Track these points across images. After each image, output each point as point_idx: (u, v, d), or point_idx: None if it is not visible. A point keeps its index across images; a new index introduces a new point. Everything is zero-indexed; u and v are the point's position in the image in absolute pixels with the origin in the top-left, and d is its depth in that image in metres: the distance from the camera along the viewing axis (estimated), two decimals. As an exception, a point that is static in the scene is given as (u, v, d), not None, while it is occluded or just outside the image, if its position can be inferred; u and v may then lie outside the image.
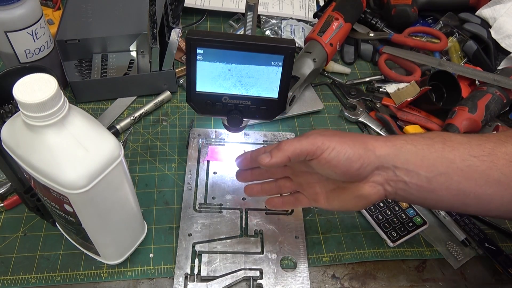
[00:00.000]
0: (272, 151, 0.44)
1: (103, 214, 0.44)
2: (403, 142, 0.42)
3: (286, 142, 0.44)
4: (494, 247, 0.55)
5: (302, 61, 0.71)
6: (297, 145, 0.43)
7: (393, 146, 0.42)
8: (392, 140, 0.43)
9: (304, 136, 0.44)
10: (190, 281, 0.50)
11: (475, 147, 0.41)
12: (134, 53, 0.76)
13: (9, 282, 0.50)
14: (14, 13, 0.58)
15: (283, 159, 0.44)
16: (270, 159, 0.44)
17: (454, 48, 0.80)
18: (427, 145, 0.42)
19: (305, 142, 0.43)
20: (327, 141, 0.42)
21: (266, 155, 0.44)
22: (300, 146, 0.43)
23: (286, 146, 0.43)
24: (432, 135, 0.43)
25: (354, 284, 0.53)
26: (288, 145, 0.43)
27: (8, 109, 0.57)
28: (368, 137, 0.44)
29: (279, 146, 0.44)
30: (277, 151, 0.44)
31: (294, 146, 0.43)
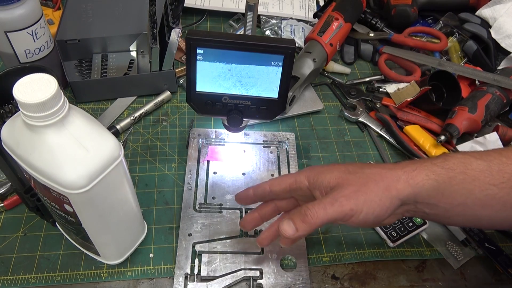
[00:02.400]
0: (295, 221, 0.41)
1: (103, 214, 0.44)
2: (425, 178, 0.41)
3: (311, 209, 0.40)
4: (494, 247, 0.55)
5: (302, 61, 0.71)
6: (323, 215, 0.40)
7: (416, 185, 0.41)
8: (414, 178, 0.41)
9: (329, 199, 0.41)
10: (190, 281, 0.50)
11: (495, 174, 0.40)
12: (134, 53, 0.76)
13: (9, 282, 0.50)
14: (14, 13, 0.58)
15: (309, 231, 0.41)
16: (295, 232, 0.41)
17: (454, 48, 0.80)
18: (449, 178, 0.41)
19: (332, 210, 0.40)
20: (354, 205, 0.40)
21: (289, 226, 0.41)
22: (327, 216, 0.40)
23: (311, 216, 0.40)
24: (454, 164, 0.41)
25: (354, 284, 0.53)
26: (314, 215, 0.40)
27: (8, 109, 0.57)
28: (390, 178, 0.41)
29: (304, 216, 0.41)
30: (302, 223, 0.41)
31: (321, 217, 0.40)
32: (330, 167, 0.45)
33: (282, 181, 0.47)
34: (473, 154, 0.42)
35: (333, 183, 0.43)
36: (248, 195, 0.49)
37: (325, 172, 0.44)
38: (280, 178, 0.48)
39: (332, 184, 0.43)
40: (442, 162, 0.42)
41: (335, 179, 0.43)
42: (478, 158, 0.41)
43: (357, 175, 0.42)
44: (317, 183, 0.44)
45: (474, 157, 0.42)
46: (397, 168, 0.42)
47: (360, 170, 0.43)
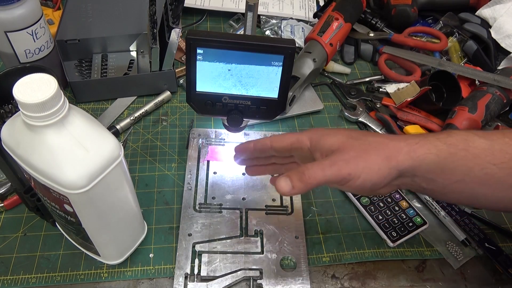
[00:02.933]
0: (292, 179, 0.41)
1: (103, 214, 0.44)
2: (427, 152, 0.41)
3: (309, 169, 0.41)
4: (494, 247, 0.55)
5: (302, 61, 0.71)
6: (321, 176, 0.40)
7: (416, 158, 0.41)
8: (416, 150, 0.41)
9: (328, 161, 0.41)
10: (190, 281, 0.50)
11: (496, 154, 0.40)
12: (134, 53, 0.76)
13: (9, 282, 0.50)
14: (14, 13, 0.58)
15: (304, 190, 0.41)
16: (291, 189, 0.41)
17: (454, 48, 0.80)
18: (450, 154, 0.41)
19: (330, 173, 0.40)
20: (353, 170, 0.40)
21: (286, 183, 0.41)
22: (325, 178, 0.40)
23: (309, 176, 0.40)
24: (457, 140, 0.41)
25: (354, 284, 0.53)
26: (312, 175, 0.40)
27: (8, 109, 0.57)
28: (392, 148, 0.41)
29: (301, 174, 0.41)
30: (299, 182, 0.40)
31: (318, 178, 0.40)
32: (334, 131, 0.44)
33: (284, 139, 0.47)
34: (477, 133, 0.42)
35: (335, 146, 0.42)
36: (248, 147, 0.49)
37: (329, 135, 0.44)
38: (283, 135, 0.48)
39: (334, 148, 0.42)
40: (445, 137, 0.42)
41: (338, 143, 0.42)
42: (481, 137, 0.41)
43: (360, 141, 0.42)
44: (319, 145, 0.44)
45: (477, 135, 0.42)
46: (400, 140, 0.42)
47: (363, 137, 0.43)
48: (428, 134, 0.43)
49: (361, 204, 0.59)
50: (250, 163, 0.53)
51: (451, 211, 0.59)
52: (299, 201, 0.59)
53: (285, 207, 0.59)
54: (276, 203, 0.59)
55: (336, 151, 0.42)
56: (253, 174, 0.54)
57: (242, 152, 0.51)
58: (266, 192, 0.60)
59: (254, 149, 0.49)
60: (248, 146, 0.50)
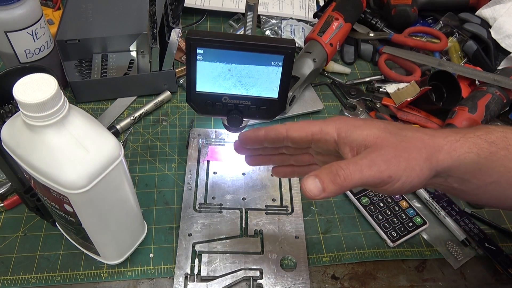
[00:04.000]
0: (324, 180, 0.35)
1: (103, 214, 0.44)
2: (468, 151, 0.37)
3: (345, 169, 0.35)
4: (494, 247, 0.55)
5: (302, 61, 0.71)
6: (358, 178, 0.35)
7: (457, 158, 0.37)
8: (457, 149, 0.37)
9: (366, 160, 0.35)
10: (190, 281, 0.50)
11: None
12: (134, 53, 0.76)
13: (9, 282, 0.50)
14: (14, 13, 0.58)
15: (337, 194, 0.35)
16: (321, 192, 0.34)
17: (454, 48, 0.80)
18: (491, 153, 0.38)
19: (369, 174, 0.35)
20: (394, 172, 0.35)
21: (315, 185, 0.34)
22: (362, 180, 0.35)
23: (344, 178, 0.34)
24: (497, 138, 0.38)
25: (354, 284, 0.53)
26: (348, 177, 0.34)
27: (8, 109, 0.57)
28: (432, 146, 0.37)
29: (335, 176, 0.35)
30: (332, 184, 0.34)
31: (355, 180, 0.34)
32: (367, 122, 0.38)
33: (304, 127, 0.40)
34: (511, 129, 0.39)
35: (370, 141, 0.37)
36: (258, 135, 0.42)
37: (362, 127, 0.38)
38: (302, 123, 0.40)
39: (368, 143, 0.37)
40: (485, 134, 0.38)
41: (373, 137, 0.37)
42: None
43: (398, 137, 0.37)
44: (350, 138, 0.38)
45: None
46: (439, 136, 0.38)
47: (400, 132, 0.38)
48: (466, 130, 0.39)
49: (361, 204, 0.59)
50: (254, 152, 0.46)
51: (451, 211, 0.59)
52: (299, 201, 0.59)
53: (285, 207, 0.59)
54: (276, 203, 0.59)
55: (371, 148, 0.36)
56: (254, 164, 0.47)
57: (249, 141, 0.44)
58: (266, 192, 0.60)
59: (265, 138, 0.42)
60: (258, 134, 0.42)
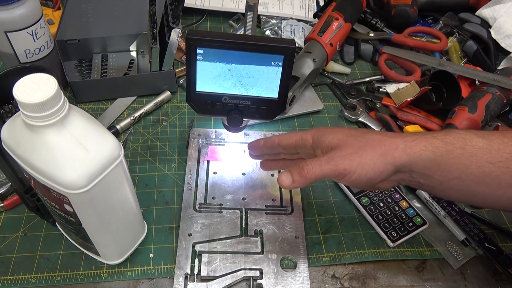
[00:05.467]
0: (293, 174, 0.45)
1: (103, 214, 0.44)
2: (423, 149, 0.42)
3: (308, 165, 0.44)
4: (494, 247, 0.55)
5: (302, 61, 0.71)
6: (318, 171, 0.44)
7: (412, 155, 0.42)
8: (412, 147, 0.43)
9: (326, 157, 0.44)
10: (190, 281, 0.50)
11: (494, 153, 0.41)
12: (134, 53, 0.76)
13: (9, 282, 0.50)
14: (14, 13, 0.58)
15: (304, 184, 0.45)
16: (291, 183, 0.45)
17: (454, 48, 0.80)
18: (447, 151, 0.42)
19: (327, 168, 0.43)
20: (348, 166, 0.43)
21: (287, 177, 0.45)
22: (322, 173, 0.44)
23: (307, 171, 0.44)
24: (454, 138, 0.42)
25: (354, 284, 0.53)
26: (310, 170, 0.44)
27: (8, 109, 0.57)
28: (388, 145, 0.43)
29: (301, 170, 0.44)
30: (299, 176, 0.44)
31: (316, 173, 0.44)
32: (335, 129, 0.47)
33: (290, 137, 0.50)
34: (475, 132, 0.43)
35: (334, 143, 0.45)
36: (259, 144, 0.54)
37: (329, 133, 0.46)
38: (289, 133, 0.52)
39: (333, 145, 0.45)
40: (443, 135, 0.43)
41: (337, 140, 0.45)
42: (479, 136, 0.42)
43: (358, 139, 0.45)
44: (320, 142, 0.46)
45: (475, 134, 0.42)
46: (398, 137, 0.44)
47: (361, 135, 0.45)
48: (427, 132, 0.46)
49: (361, 204, 0.59)
50: (262, 158, 0.57)
51: (451, 211, 0.59)
52: (299, 201, 0.59)
53: (285, 207, 0.59)
54: (276, 203, 0.59)
55: (334, 148, 0.45)
56: (266, 168, 0.58)
57: (253, 149, 0.55)
58: (266, 192, 0.60)
59: (263, 146, 0.53)
60: (258, 143, 0.54)
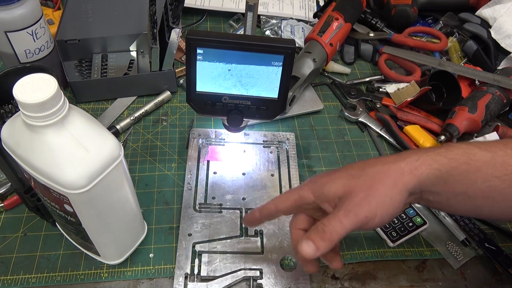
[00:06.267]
0: (315, 240, 0.39)
1: (103, 214, 0.44)
2: (429, 167, 0.41)
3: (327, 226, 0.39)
4: (494, 247, 0.55)
5: (302, 61, 0.71)
6: (341, 229, 0.39)
7: (420, 175, 0.40)
8: (418, 168, 0.41)
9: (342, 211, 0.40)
10: (190, 281, 0.50)
11: (499, 166, 0.40)
12: (134, 53, 0.76)
13: (9, 282, 0.50)
14: (14, 13, 0.58)
15: (329, 248, 0.39)
16: (316, 251, 0.39)
17: (454, 48, 0.80)
18: (451, 168, 0.41)
19: (348, 223, 0.39)
20: (368, 211, 0.39)
21: (309, 247, 0.39)
22: (345, 229, 0.39)
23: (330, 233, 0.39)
24: (457, 154, 0.41)
25: (354, 284, 0.53)
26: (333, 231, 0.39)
27: (8, 109, 0.57)
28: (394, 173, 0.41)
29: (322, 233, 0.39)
30: (322, 241, 0.39)
31: (340, 231, 0.39)
32: (332, 176, 0.43)
33: (287, 199, 0.46)
34: (478, 145, 0.42)
35: (340, 192, 0.41)
36: (255, 217, 0.48)
37: (329, 182, 0.43)
38: (285, 195, 0.47)
39: (339, 194, 0.41)
40: (445, 151, 0.41)
41: (341, 188, 0.42)
42: (482, 149, 0.41)
43: (361, 178, 0.41)
44: (323, 196, 0.43)
45: (478, 147, 0.41)
46: (400, 160, 0.41)
47: (362, 172, 0.42)
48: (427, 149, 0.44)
49: (361, 204, 0.59)
50: None
51: (451, 211, 0.59)
52: (299, 201, 0.59)
53: (285, 207, 0.58)
54: (276, 203, 0.59)
55: (343, 197, 0.41)
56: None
57: (250, 223, 0.50)
58: (266, 192, 0.60)
59: (261, 217, 0.48)
60: (254, 216, 0.48)
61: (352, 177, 0.42)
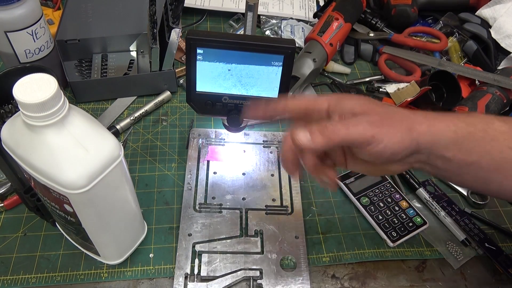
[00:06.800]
0: (313, 132, 0.38)
1: (103, 214, 0.44)
2: (445, 127, 0.39)
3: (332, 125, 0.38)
4: (494, 247, 0.55)
5: (302, 61, 0.71)
6: (344, 134, 0.38)
7: (435, 133, 0.39)
8: (435, 125, 0.39)
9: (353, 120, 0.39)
10: (190, 281, 0.50)
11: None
12: (134, 53, 0.76)
13: (9, 282, 0.50)
14: (14, 13, 0.58)
15: (324, 147, 0.38)
16: (309, 143, 0.38)
17: (454, 48, 0.80)
18: (468, 133, 0.39)
19: (354, 131, 0.38)
20: (377, 133, 0.38)
21: (305, 135, 0.38)
22: (348, 136, 0.38)
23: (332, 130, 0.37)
24: (476, 119, 0.40)
25: (354, 284, 0.53)
26: (335, 131, 0.37)
27: (8, 109, 0.57)
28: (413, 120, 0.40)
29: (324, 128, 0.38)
30: (320, 135, 0.37)
31: (342, 135, 0.37)
32: (355, 96, 0.42)
33: (300, 99, 0.44)
34: (497, 117, 0.41)
35: (358, 109, 0.40)
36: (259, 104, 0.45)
37: (350, 98, 0.41)
38: (298, 97, 0.45)
39: (356, 111, 0.40)
40: (465, 117, 0.41)
41: (360, 106, 0.40)
42: (501, 121, 0.41)
43: (383, 108, 0.41)
44: (339, 107, 0.41)
45: (497, 119, 0.41)
46: (420, 114, 0.41)
47: (385, 106, 0.41)
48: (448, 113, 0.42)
49: (361, 204, 0.59)
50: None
51: (451, 211, 0.59)
52: (299, 201, 0.59)
53: (285, 207, 0.59)
54: (276, 203, 0.59)
55: (358, 114, 0.40)
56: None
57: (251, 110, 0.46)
58: (266, 192, 0.60)
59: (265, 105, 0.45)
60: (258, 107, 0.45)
61: (374, 103, 0.41)
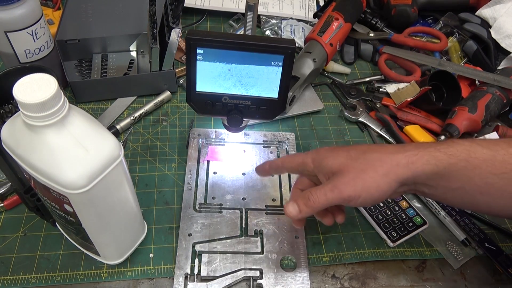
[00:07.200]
0: (299, 204, 0.45)
1: (103, 214, 0.44)
2: (426, 163, 0.42)
3: (313, 195, 0.44)
4: (494, 247, 0.55)
5: (302, 61, 0.71)
6: (324, 200, 0.44)
7: (415, 170, 0.42)
8: (414, 162, 0.42)
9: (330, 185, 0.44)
10: (190, 281, 0.50)
11: (497, 164, 0.40)
12: (134, 53, 0.76)
13: (9, 282, 0.50)
14: (14, 13, 0.58)
15: (311, 213, 0.46)
16: (298, 213, 0.46)
17: (454, 48, 0.80)
18: (450, 164, 0.41)
19: (332, 196, 0.43)
20: (352, 192, 0.43)
21: (294, 208, 0.46)
22: (327, 201, 0.44)
23: (313, 201, 0.44)
24: (458, 150, 0.41)
25: (354, 284, 0.53)
26: (316, 200, 0.44)
27: (8, 109, 0.57)
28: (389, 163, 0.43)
29: (307, 200, 0.45)
30: (305, 206, 0.45)
31: (322, 202, 0.44)
32: (335, 152, 0.46)
33: (293, 160, 0.51)
34: (480, 142, 0.42)
35: (335, 169, 0.45)
36: (265, 167, 0.55)
37: (329, 157, 0.46)
38: (292, 156, 0.52)
39: (334, 170, 0.45)
40: (446, 148, 0.42)
41: (337, 165, 0.45)
42: (484, 147, 0.41)
43: (358, 161, 0.44)
44: (321, 167, 0.46)
45: (480, 145, 0.42)
46: (399, 152, 0.43)
47: (361, 156, 0.44)
48: (430, 144, 0.44)
49: (361, 204, 0.59)
50: None
51: (451, 211, 0.59)
52: (299, 201, 0.59)
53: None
54: (276, 203, 0.59)
55: (336, 173, 0.44)
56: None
57: (260, 172, 0.56)
58: (266, 192, 0.60)
59: (269, 169, 0.54)
60: (264, 167, 0.55)
61: (350, 158, 0.45)
